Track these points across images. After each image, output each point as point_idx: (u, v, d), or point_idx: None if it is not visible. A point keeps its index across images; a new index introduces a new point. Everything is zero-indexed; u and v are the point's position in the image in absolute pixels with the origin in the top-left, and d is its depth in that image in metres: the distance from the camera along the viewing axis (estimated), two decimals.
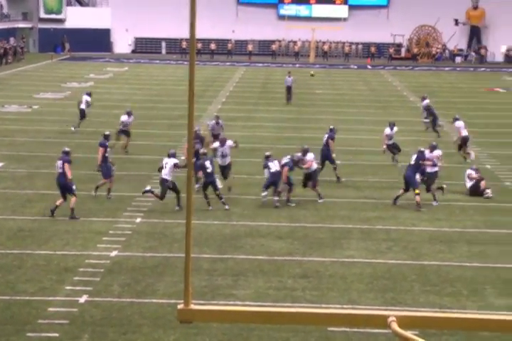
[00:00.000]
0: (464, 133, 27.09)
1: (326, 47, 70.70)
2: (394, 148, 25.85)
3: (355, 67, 64.71)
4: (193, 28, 5.07)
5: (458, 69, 64.73)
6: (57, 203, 18.83)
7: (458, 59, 71.35)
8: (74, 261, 15.84)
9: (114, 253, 16.30)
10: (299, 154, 20.90)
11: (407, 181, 20.50)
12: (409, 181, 20.43)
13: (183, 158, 23.33)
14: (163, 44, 73.24)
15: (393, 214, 19.81)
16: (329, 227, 18.59)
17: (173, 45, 73.10)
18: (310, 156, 20.89)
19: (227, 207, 19.81)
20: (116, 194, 21.08)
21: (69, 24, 70.57)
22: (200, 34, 63.45)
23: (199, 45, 67.82)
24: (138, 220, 18.81)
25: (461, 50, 72.70)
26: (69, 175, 18.84)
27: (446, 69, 64.51)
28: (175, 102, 39.94)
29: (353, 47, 72.38)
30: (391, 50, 70.36)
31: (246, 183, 22.35)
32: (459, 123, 27.37)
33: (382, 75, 58.42)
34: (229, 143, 21.80)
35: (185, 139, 26.99)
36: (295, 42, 71.95)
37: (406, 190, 20.59)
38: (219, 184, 20.46)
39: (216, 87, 47.55)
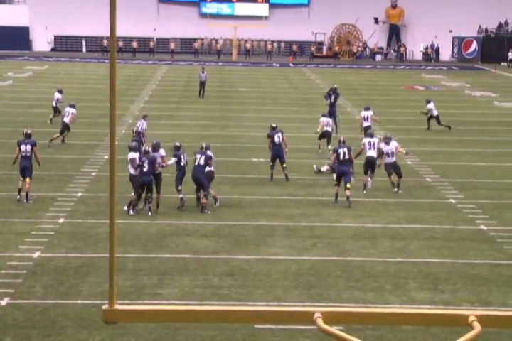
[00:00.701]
0: (365, 123, 28.55)
1: (248, 46, 70.91)
2: (328, 136, 27.20)
3: (278, 65, 65.06)
4: (113, 25, 5.03)
5: (378, 67, 65.69)
6: (23, 187, 18.67)
7: (378, 57, 72.46)
8: None
9: (36, 255, 16.06)
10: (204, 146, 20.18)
11: (344, 175, 20.72)
12: (346, 175, 20.71)
13: (105, 156, 23.12)
14: (84, 42, 72.41)
15: (317, 211, 19.99)
16: (254, 225, 18.65)
17: (94, 43, 72.31)
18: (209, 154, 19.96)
19: (150, 213, 19.06)
20: (38, 194, 20.76)
21: None
22: (121, 32, 63.04)
23: (120, 44, 67.27)
24: (61, 220, 18.57)
25: (381, 48, 73.82)
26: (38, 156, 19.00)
27: (367, 67, 65.40)
28: (96, 101, 39.52)
29: (275, 45, 72.78)
30: (313, 48, 71.00)
31: (170, 182, 22.24)
32: (362, 113, 29.12)
33: (304, 73, 58.88)
34: (162, 152, 19.90)
35: (108, 138, 26.76)
36: (217, 41, 71.97)
37: (339, 184, 20.83)
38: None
39: (138, 86, 47.21)
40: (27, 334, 12.51)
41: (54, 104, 32.48)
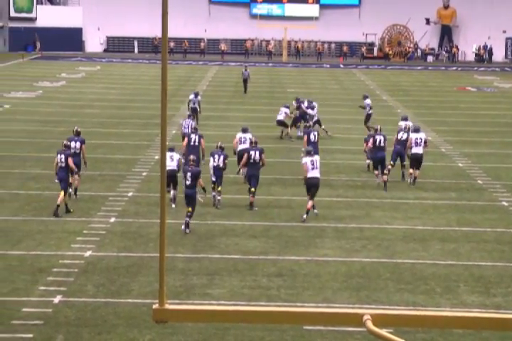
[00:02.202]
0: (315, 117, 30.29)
1: (298, 46, 70.86)
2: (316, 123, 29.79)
3: (328, 66, 64.91)
4: (165, 27, 5.09)
5: (429, 68, 65.14)
6: (59, 202, 18.89)
7: (429, 58, 71.82)
8: (47, 261, 15.76)
9: (88, 254, 16.25)
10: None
11: (382, 162, 22.43)
12: (384, 161, 22.46)
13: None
14: (136, 43, 73.03)
15: (367, 213, 19.91)
16: (303, 226, 18.64)
17: (146, 43, 72.91)
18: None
19: (187, 230, 17.74)
20: (90, 194, 21.01)
21: (40, 23, 70.13)
22: (172, 33, 63.47)
23: (172, 44, 67.74)
24: (112, 220, 18.77)
25: (432, 49, 73.15)
26: (73, 167, 19.29)
27: (418, 68, 64.90)
28: (148, 101, 39.83)
29: (326, 46, 72.60)
30: (363, 49, 70.67)
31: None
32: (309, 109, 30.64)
33: (354, 74, 58.66)
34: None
35: (159, 138, 26.92)
36: (268, 42, 72.04)
37: (382, 172, 22.35)
38: (200, 199, 18.65)
39: (189, 87, 47.42)
40: (78, 332, 12.67)
41: (192, 105, 31.65)
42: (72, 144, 20.67)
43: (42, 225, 18.25)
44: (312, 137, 23.64)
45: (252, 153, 20.31)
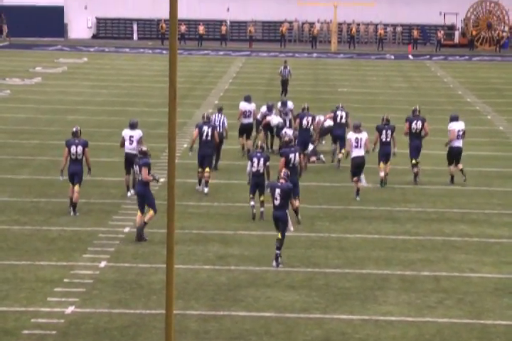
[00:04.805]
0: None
1: (352, 31, 71.06)
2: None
3: (392, 57, 64.99)
4: (174, 5, 5.16)
5: None
6: (138, 223, 20.31)
7: None
8: (16, 320, 15.82)
9: (70, 310, 16.32)
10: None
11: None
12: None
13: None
14: (135, 27, 73.57)
15: (445, 256, 19.88)
16: (358, 273, 18.63)
17: (148, 27, 73.41)
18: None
19: (279, 265, 18.82)
20: (73, 229, 21.12)
21: (7, 0, 70.85)
22: (183, 14, 63.93)
23: (182, 28, 68.18)
24: (102, 264, 18.84)
25: None
26: (147, 178, 20.49)
27: None
28: (150, 105, 40.03)
29: (389, 30, 72.70)
30: (440, 35, 70.69)
31: (246, 212, 22.38)
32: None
33: (428, 68, 58.65)
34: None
35: (165, 155, 26.99)
36: (312, 24, 72.29)
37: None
38: (290, 226, 19.14)
39: (206, 85, 47.64)
40: None
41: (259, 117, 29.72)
42: (73, 149, 22.16)
43: (8, 272, 18.33)
44: (305, 122, 26.60)
45: (292, 156, 21.87)
